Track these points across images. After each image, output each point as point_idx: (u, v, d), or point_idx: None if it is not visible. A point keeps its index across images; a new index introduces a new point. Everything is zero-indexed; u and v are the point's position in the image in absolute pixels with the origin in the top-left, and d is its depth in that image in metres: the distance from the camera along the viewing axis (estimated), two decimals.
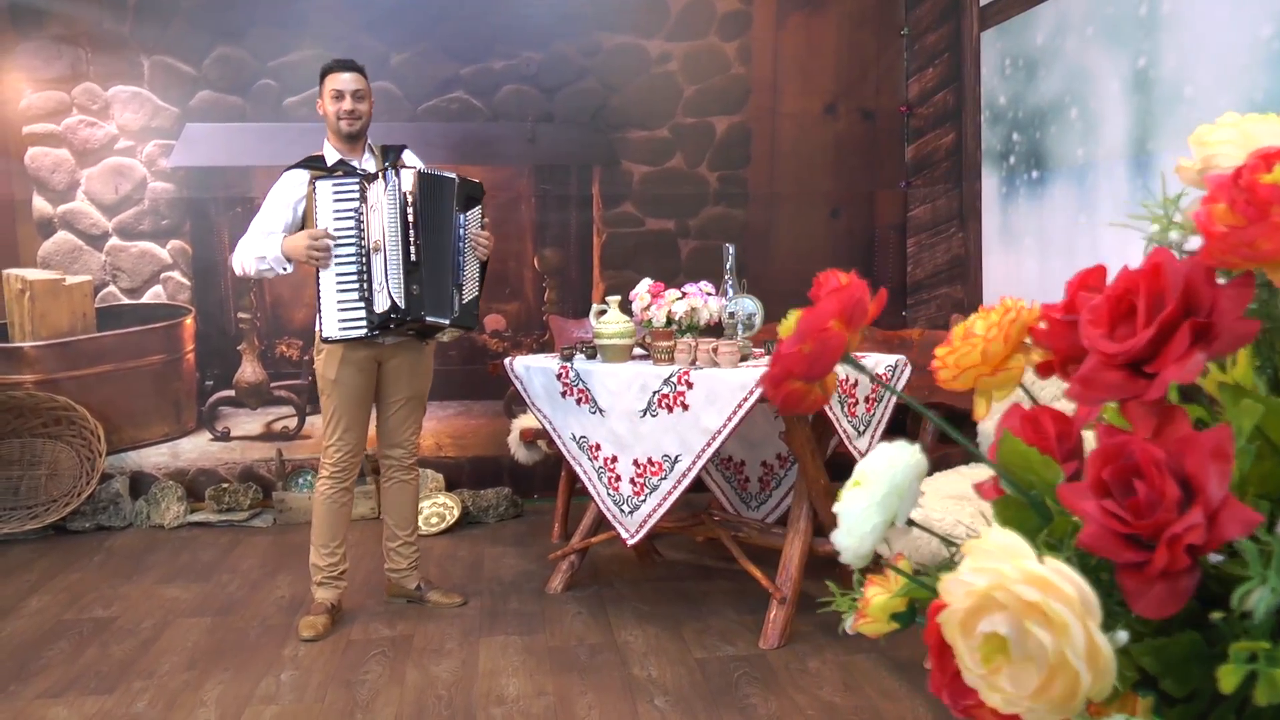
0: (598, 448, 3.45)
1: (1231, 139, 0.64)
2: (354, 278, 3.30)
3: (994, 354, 0.69)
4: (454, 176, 3.43)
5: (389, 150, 3.52)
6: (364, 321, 3.30)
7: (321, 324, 3.33)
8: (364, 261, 3.30)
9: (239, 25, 4.90)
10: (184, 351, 5.00)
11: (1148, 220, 0.67)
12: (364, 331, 3.30)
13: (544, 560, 4.11)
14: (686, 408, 3.22)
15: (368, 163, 3.47)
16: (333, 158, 3.45)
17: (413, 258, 3.30)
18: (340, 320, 3.30)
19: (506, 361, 3.75)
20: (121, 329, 4.94)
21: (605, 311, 3.52)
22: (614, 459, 3.40)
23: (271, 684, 3.04)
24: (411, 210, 3.31)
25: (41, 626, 3.54)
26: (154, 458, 5.00)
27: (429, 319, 3.33)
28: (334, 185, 3.32)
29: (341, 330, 3.31)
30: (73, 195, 4.89)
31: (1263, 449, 0.58)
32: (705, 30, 5.12)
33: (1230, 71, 3.00)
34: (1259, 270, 0.58)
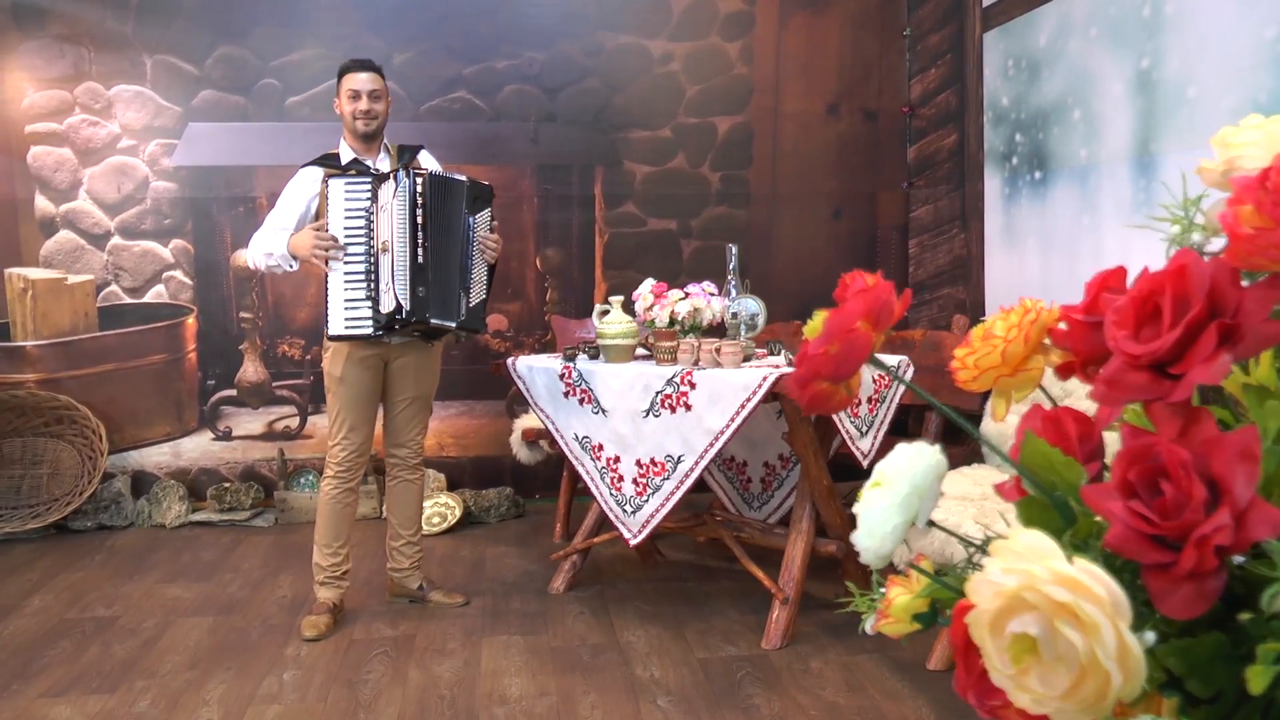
0: (600, 448, 3.44)
1: (1256, 140, 0.64)
2: (362, 277, 3.31)
3: (1014, 355, 0.69)
4: (464, 179, 3.43)
5: (405, 150, 3.53)
6: (370, 321, 3.31)
7: (328, 321, 3.34)
8: (372, 261, 3.31)
9: (241, 25, 4.89)
10: (186, 351, 5.00)
11: (1167, 221, 0.67)
12: (369, 331, 3.32)
13: (546, 560, 4.11)
14: (689, 408, 3.22)
15: (382, 162, 3.47)
16: (347, 156, 3.45)
17: (419, 259, 3.31)
18: (346, 319, 3.32)
19: (509, 361, 3.74)
20: (123, 328, 4.93)
21: (608, 312, 3.51)
22: (616, 459, 3.40)
23: (274, 683, 3.04)
24: (420, 212, 3.31)
25: (43, 626, 3.54)
26: (156, 457, 4.99)
27: (433, 321, 3.34)
28: (346, 184, 3.34)
29: (347, 328, 3.32)
30: (75, 194, 4.89)
31: None
32: (708, 30, 5.12)
33: (1234, 73, 3.00)
34: None
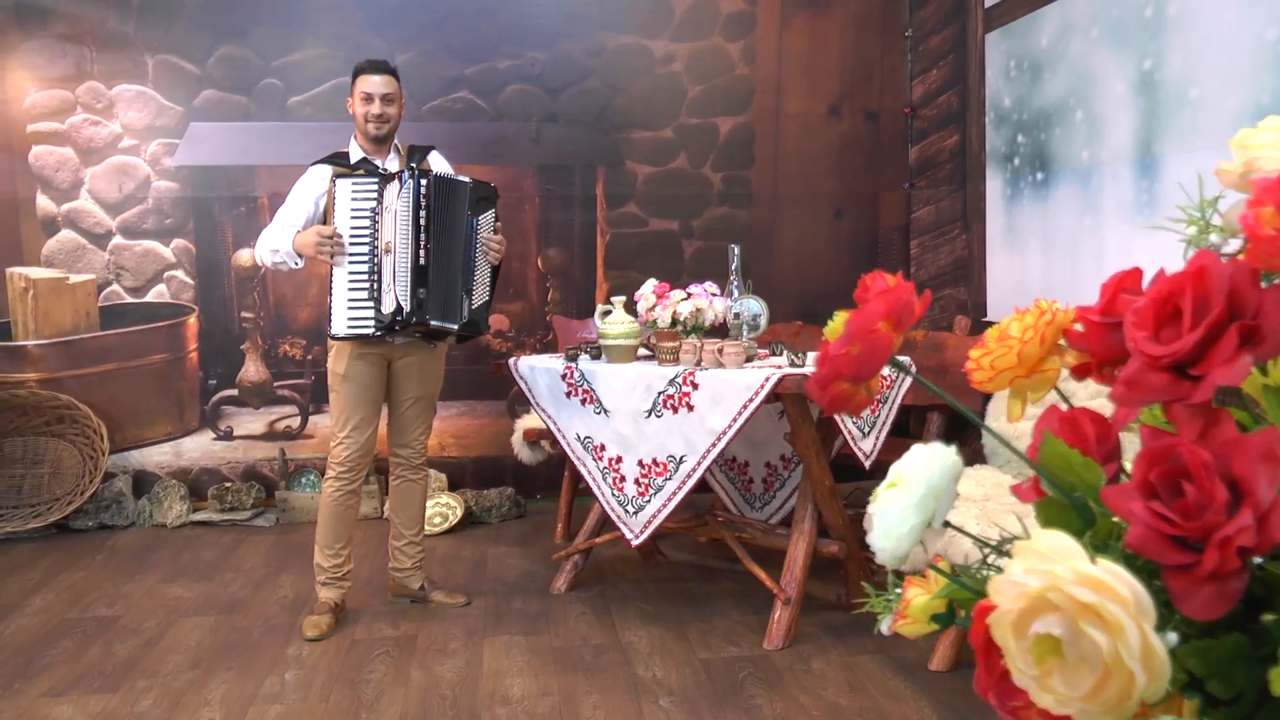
0: (602, 448, 3.44)
1: (1275, 142, 0.64)
2: (365, 277, 3.31)
3: (1030, 356, 0.69)
4: (467, 180, 3.43)
5: (415, 150, 3.53)
6: (372, 321, 3.31)
7: (331, 321, 3.35)
8: (375, 262, 3.31)
9: (243, 24, 4.89)
10: (187, 350, 5.00)
11: (1183, 223, 0.67)
12: (371, 331, 3.32)
13: (547, 560, 4.11)
14: (692, 408, 3.22)
15: (391, 163, 3.47)
16: (356, 155, 3.46)
17: (421, 261, 3.31)
18: (349, 319, 3.32)
19: (511, 362, 3.74)
20: (125, 328, 4.93)
21: (610, 312, 3.51)
22: (619, 459, 3.40)
23: (276, 683, 3.04)
24: (424, 214, 3.32)
25: (45, 625, 3.54)
26: (157, 457, 4.99)
27: (434, 324, 3.34)
28: (353, 184, 3.34)
29: (350, 328, 3.33)
30: (76, 194, 4.89)
31: None
32: (709, 31, 5.12)
33: (1236, 74, 3.00)
34: None
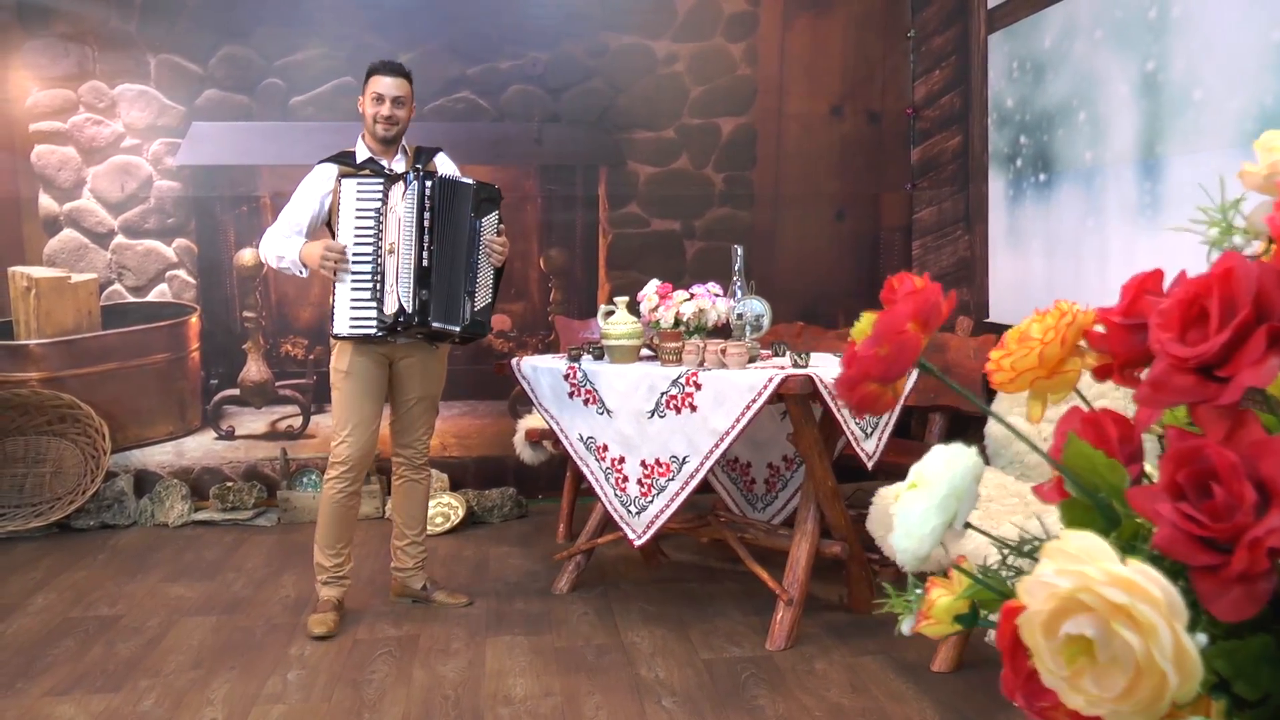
0: (605, 448, 3.44)
1: None
2: (368, 278, 3.31)
3: (1051, 357, 0.69)
4: (471, 182, 3.43)
5: (422, 152, 3.53)
6: (374, 322, 3.31)
7: (334, 320, 3.34)
8: (379, 263, 3.31)
9: (245, 24, 4.89)
10: (189, 350, 5.00)
11: (1204, 223, 0.67)
12: (373, 331, 3.32)
13: (549, 561, 4.11)
14: (694, 409, 3.22)
15: (398, 164, 3.47)
16: (363, 155, 3.46)
17: (424, 263, 3.31)
18: (352, 319, 3.32)
19: (513, 362, 3.74)
20: (126, 327, 4.93)
21: (613, 312, 3.51)
22: (621, 460, 3.40)
23: (278, 683, 3.03)
24: (428, 215, 3.31)
25: (47, 624, 3.54)
26: (158, 456, 4.99)
27: (436, 325, 3.34)
28: (358, 184, 3.34)
29: (352, 328, 3.33)
30: (79, 193, 4.88)
31: None
32: (712, 31, 5.12)
33: (1240, 75, 3.00)
34: None
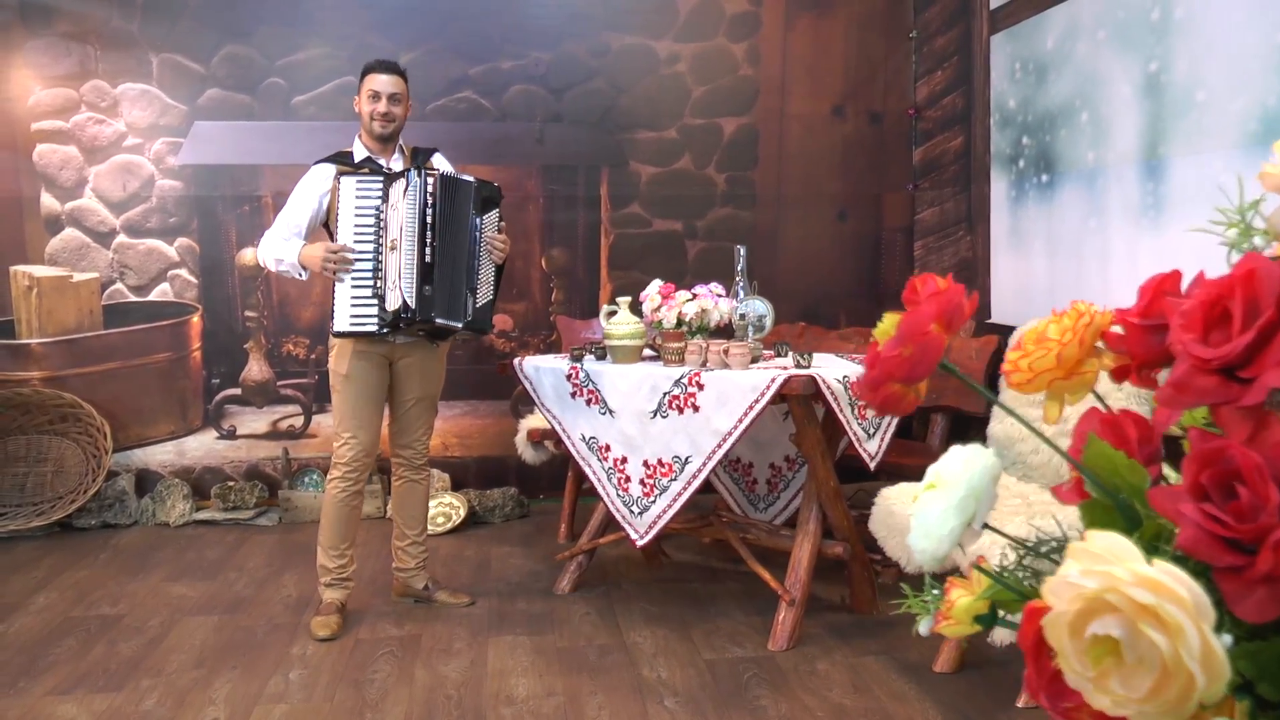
0: (607, 449, 3.44)
1: None
2: (369, 275, 3.31)
3: (1069, 358, 0.69)
4: (472, 179, 3.43)
5: (419, 152, 3.53)
6: (375, 319, 3.31)
7: (334, 318, 3.34)
8: (380, 260, 3.31)
9: (247, 24, 4.89)
10: (190, 349, 5.00)
11: (1223, 224, 0.67)
12: (374, 329, 3.32)
13: (551, 560, 4.11)
14: (697, 409, 3.22)
15: (396, 163, 3.48)
16: (361, 155, 3.46)
17: (427, 259, 3.31)
18: (353, 316, 3.32)
19: (516, 362, 3.74)
20: (128, 326, 4.93)
21: (616, 312, 3.51)
22: (624, 460, 3.40)
23: (280, 683, 3.03)
24: (430, 212, 3.32)
25: (49, 623, 3.54)
26: (160, 455, 4.99)
27: (439, 321, 3.34)
28: (358, 182, 3.34)
29: (353, 325, 3.32)
30: (80, 192, 4.88)
31: None
32: (714, 31, 5.12)
33: (1244, 76, 3.00)
34: None
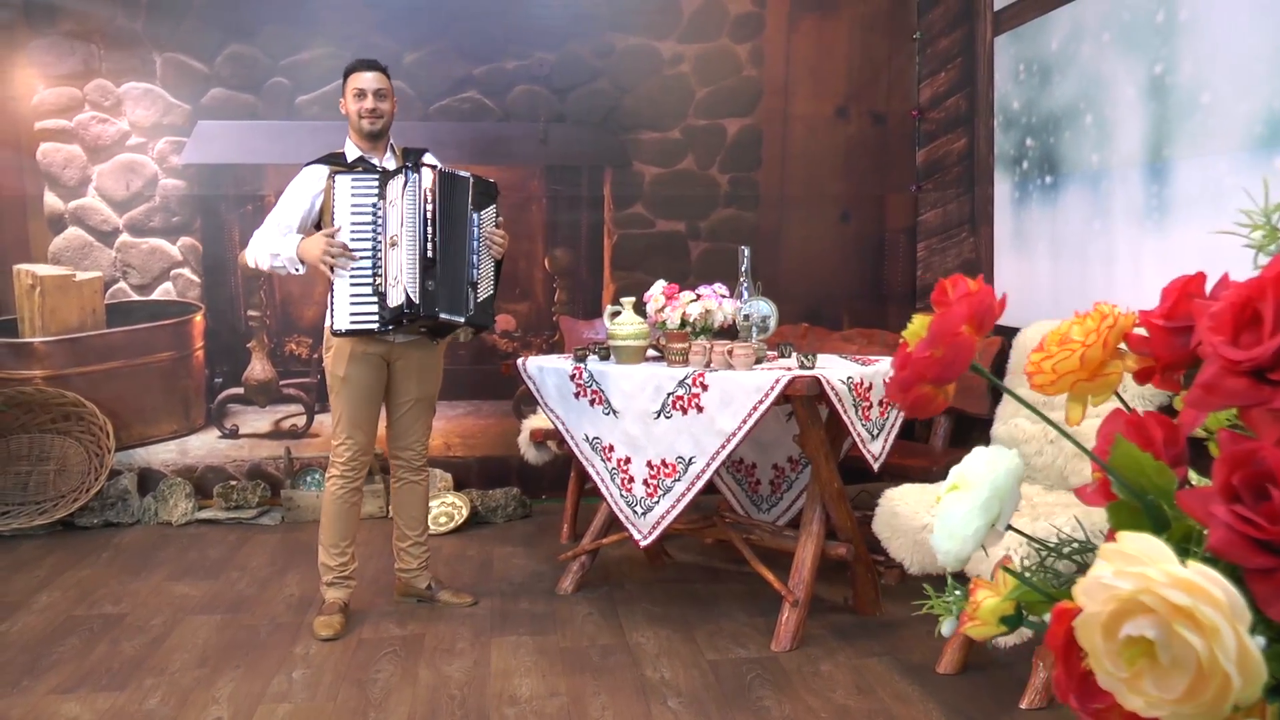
0: (611, 449, 3.44)
1: None
2: (368, 272, 3.31)
3: (1092, 359, 0.69)
4: (469, 175, 3.43)
5: (410, 152, 3.53)
6: (376, 316, 3.30)
7: (333, 317, 3.33)
8: (379, 257, 3.30)
9: (251, 23, 4.89)
10: (193, 348, 5.00)
11: (1248, 226, 0.67)
12: (375, 326, 3.31)
13: (553, 561, 4.11)
14: (701, 410, 3.22)
15: (388, 162, 3.48)
16: (353, 154, 3.46)
17: (429, 254, 3.30)
18: (352, 314, 3.31)
19: (519, 362, 3.74)
20: (131, 325, 4.93)
21: (620, 313, 3.51)
22: (627, 460, 3.40)
23: (283, 682, 3.03)
24: (430, 207, 3.31)
25: (52, 622, 3.54)
26: (162, 454, 4.99)
27: (443, 316, 3.33)
28: (353, 180, 3.33)
29: (353, 323, 3.31)
30: (84, 191, 4.88)
31: None
32: (717, 32, 5.12)
33: (1248, 79, 3.00)
34: None
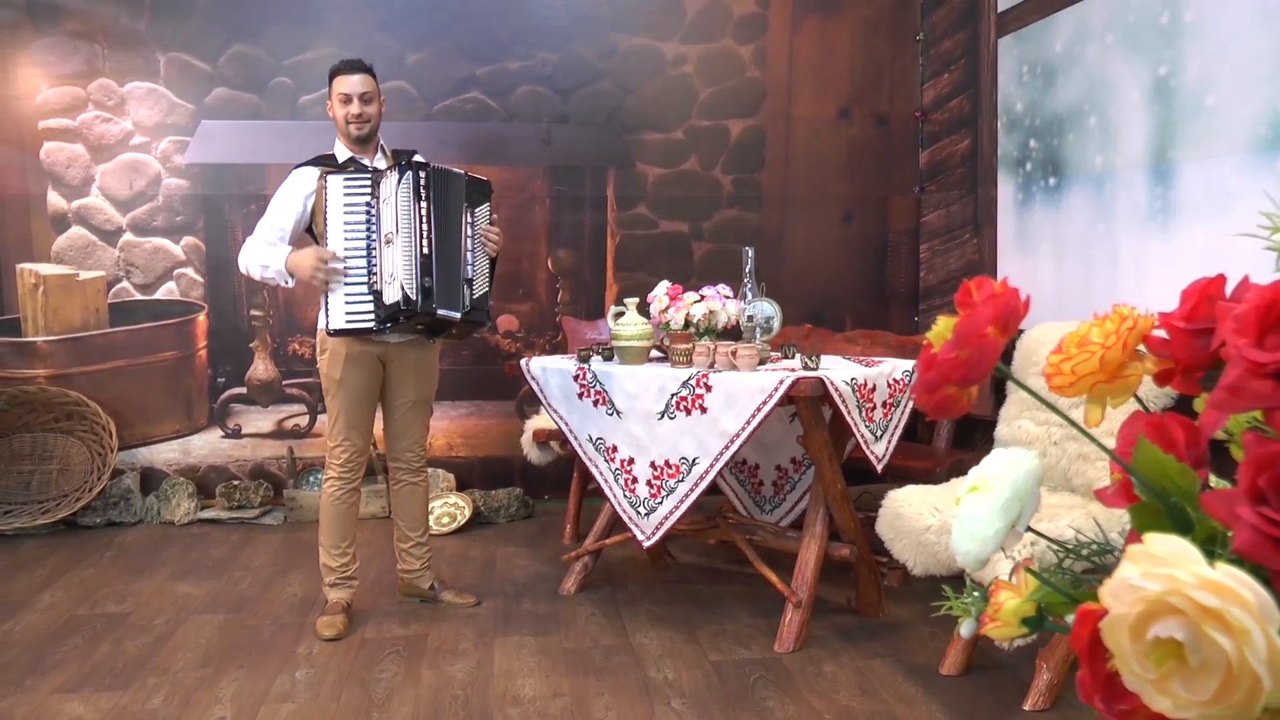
0: (614, 449, 3.44)
1: None
2: (363, 271, 3.30)
3: (1112, 361, 0.69)
4: (462, 172, 3.43)
5: (400, 154, 3.53)
6: (371, 314, 3.29)
7: (328, 317, 3.31)
8: (374, 255, 3.29)
9: (255, 23, 4.89)
10: (196, 348, 5.00)
11: (1268, 228, 0.67)
12: (371, 325, 3.30)
13: (556, 561, 4.10)
14: (705, 410, 3.22)
15: (379, 162, 3.46)
16: (344, 155, 3.45)
17: (425, 251, 3.29)
18: (348, 313, 3.29)
19: (523, 362, 3.74)
20: (134, 325, 4.93)
21: (623, 313, 3.51)
22: (631, 461, 3.40)
23: (286, 682, 3.03)
24: (424, 205, 3.30)
25: (55, 621, 3.53)
26: (165, 454, 4.99)
27: (440, 312, 3.32)
28: (345, 180, 3.32)
29: (349, 323, 3.29)
30: (87, 191, 4.88)
31: None
32: (721, 33, 5.12)
33: (1254, 81, 3.00)
34: None
